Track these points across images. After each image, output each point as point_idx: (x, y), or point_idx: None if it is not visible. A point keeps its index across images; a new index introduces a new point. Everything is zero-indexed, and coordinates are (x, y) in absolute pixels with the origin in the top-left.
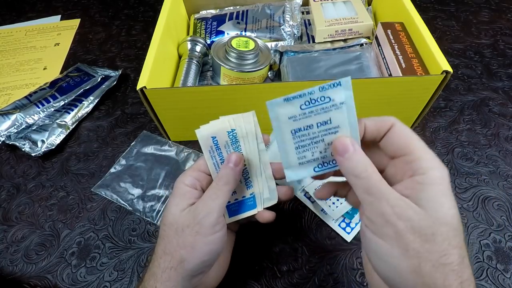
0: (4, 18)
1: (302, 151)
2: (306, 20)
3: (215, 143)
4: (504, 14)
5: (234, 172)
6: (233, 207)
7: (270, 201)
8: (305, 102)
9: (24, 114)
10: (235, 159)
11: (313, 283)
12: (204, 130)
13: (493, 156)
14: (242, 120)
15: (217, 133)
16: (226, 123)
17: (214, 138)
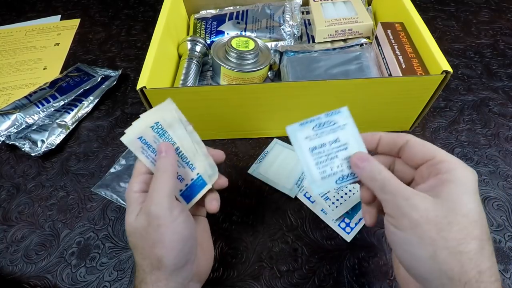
0: (4, 18)
1: (321, 166)
2: (306, 20)
3: (144, 142)
4: (504, 14)
5: (168, 159)
6: (186, 193)
7: (213, 176)
8: (316, 125)
9: (24, 114)
10: (164, 147)
11: (313, 283)
12: (129, 134)
13: (493, 156)
14: (162, 111)
15: (142, 133)
16: (147, 119)
17: (141, 138)
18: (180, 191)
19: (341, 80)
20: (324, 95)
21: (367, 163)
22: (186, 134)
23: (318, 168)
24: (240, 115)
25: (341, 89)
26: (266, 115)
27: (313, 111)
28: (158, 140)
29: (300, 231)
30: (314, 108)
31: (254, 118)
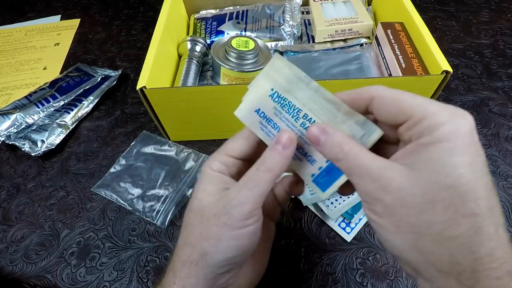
0: (4, 18)
1: None
2: (306, 20)
3: (263, 116)
4: (504, 14)
5: (282, 157)
6: (320, 179)
7: (370, 136)
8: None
9: (24, 114)
10: (285, 140)
11: (313, 283)
12: (244, 108)
13: (493, 156)
14: (273, 72)
15: (259, 104)
16: (262, 87)
17: (258, 111)
18: (312, 176)
19: (341, 80)
20: None
21: (327, 137)
22: (313, 94)
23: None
24: None
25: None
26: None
27: None
28: (279, 111)
29: (300, 231)
30: None
31: None
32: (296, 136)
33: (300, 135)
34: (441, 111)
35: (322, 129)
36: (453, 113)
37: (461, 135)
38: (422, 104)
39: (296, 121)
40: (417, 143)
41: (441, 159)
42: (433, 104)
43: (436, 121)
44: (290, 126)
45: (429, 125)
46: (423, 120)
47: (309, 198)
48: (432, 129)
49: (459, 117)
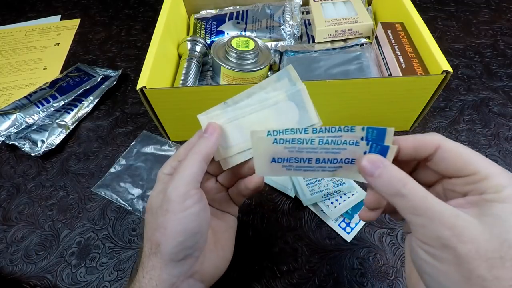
0: (4, 18)
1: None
2: (306, 20)
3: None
4: (504, 14)
5: (207, 141)
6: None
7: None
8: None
9: (24, 114)
10: (210, 129)
11: (313, 283)
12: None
13: (493, 156)
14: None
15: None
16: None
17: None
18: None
19: (341, 80)
20: (324, 95)
21: (384, 170)
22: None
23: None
24: None
25: (341, 89)
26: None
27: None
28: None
29: (300, 231)
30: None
31: None
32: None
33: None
34: (502, 173)
35: (379, 162)
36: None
37: None
38: (486, 164)
39: (312, 143)
40: (481, 198)
41: (509, 218)
42: (495, 166)
43: (501, 182)
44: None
45: (495, 184)
46: (488, 179)
47: (309, 198)
48: (497, 189)
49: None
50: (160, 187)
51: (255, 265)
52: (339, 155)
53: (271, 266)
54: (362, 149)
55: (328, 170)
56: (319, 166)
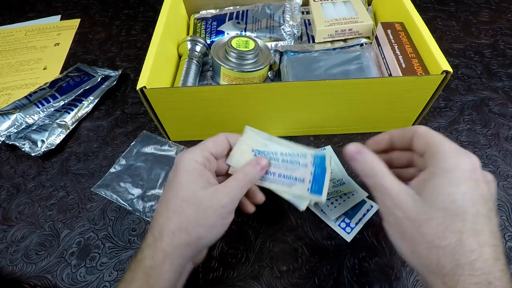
0: (4, 18)
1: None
2: (306, 20)
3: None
4: (504, 14)
5: (257, 173)
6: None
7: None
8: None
9: (24, 114)
10: (263, 164)
11: (313, 283)
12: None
13: (493, 156)
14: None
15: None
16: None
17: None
18: (308, 190)
19: (341, 80)
20: (324, 95)
21: (361, 155)
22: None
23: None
24: (240, 115)
25: (341, 89)
26: (266, 115)
27: (313, 111)
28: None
29: (300, 231)
30: (314, 108)
31: (254, 118)
32: (284, 164)
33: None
34: (452, 150)
35: (359, 149)
36: (461, 153)
37: (461, 170)
38: (441, 143)
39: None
40: (428, 171)
41: (442, 187)
42: (448, 144)
43: (445, 155)
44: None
45: (438, 158)
46: (435, 154)
47: None
48: (438, 161)
49: (464, 156)
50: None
51: (255, 265)
52: (294, 173)
53: (271, 266)
54: (308, 171)
55: (287, 185)
56: (280, 180)
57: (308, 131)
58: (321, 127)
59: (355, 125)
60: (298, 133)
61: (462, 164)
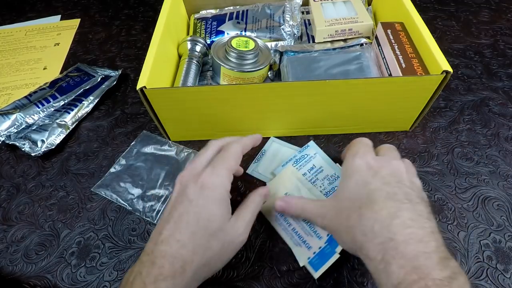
0: (4, 18)
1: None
2: (306, 20)
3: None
4: (504, 14)
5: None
6: (315, 261)
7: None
8: (294, 161)
9: (24, 114)
10: (265, 192)
11: (313, 283)
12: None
13: (493, 156)
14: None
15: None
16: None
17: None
18: (308, 259)
19: (341, 80)
20: (324, 95)
21: (287, 205)
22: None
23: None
24: (240, 115)
25: (341, 89)
26: (266, 115)
27: (313, 111)
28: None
29: None
30: (314, 108)
31: (254, 118)
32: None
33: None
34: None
35: (285, 201)
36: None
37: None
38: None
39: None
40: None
41: (340, 187)
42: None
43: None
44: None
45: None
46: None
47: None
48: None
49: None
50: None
51: (255, 265)
52: (306, 237)
53: (271, 266)
54: (319, 243)
55: (293, 240)
56: (290, 233)
57: (308, 131)
58: (321, 127)
59: (355, 125)
60: (298, 133)
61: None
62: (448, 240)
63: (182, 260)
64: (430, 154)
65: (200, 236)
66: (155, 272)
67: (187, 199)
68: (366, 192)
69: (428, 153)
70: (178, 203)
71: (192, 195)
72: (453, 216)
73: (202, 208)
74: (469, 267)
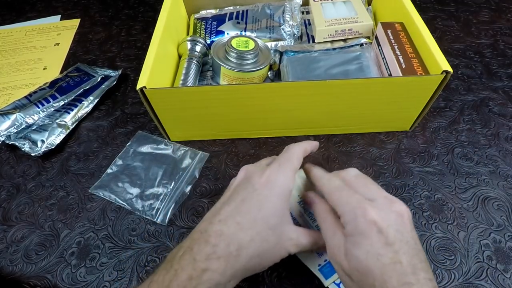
0: (4, 18)
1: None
2: (306, 20)
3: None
4: (504, 14)
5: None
6: (325, 269)
7: None
8: None
9: (24, 114)
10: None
11: (313, 283)
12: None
13: (493, 156)
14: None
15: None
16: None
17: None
18: (319, 266)
19: (341, 80)
20: (324, 95)
21: (314, 205)
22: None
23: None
24: (240, 115)
25: (341, 89)
26: (266, 115)
27: (313, 111)
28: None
29: None
30: (314, 108)
31: (254, 118)
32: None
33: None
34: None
35: (314, 200)
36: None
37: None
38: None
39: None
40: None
41: (351, 250)
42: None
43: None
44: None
45: (344, 221)
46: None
47: None
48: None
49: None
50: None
51: None
52: None
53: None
54: None
55: None
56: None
57: (308, 131)
58: (321, 127)
59: (355, 125)
60: (298, 133)
61: (359, 225)
62: (448, 240)
63: (239, 243)
64: (430, 154)
65: (260, 225)
66: (208, 250)
67: (252, 187)
68: (379, 268)
69: (428, 153)
70: (241, 188)
71: (258, 185)
72: (453, 216)
73: (266, 198)
74: (469, 267)
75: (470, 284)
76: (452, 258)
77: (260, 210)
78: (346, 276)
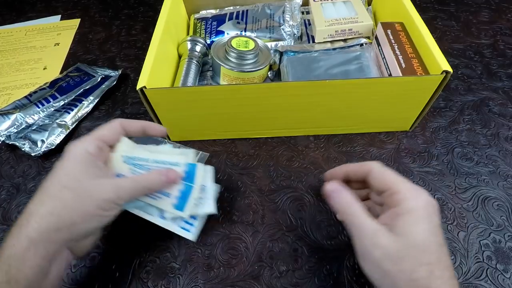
0: (4, 18)
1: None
2: (306, 20)
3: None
4: (504, 14)
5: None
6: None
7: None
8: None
9: (24, 114)
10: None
11: (313, 283)
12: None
13: (493, 156)
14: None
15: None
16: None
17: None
18: (173, 204)
19: (341, 80)
20: (324, 95)
21: (337, 194)
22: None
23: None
24: (240, 115)
25: (341, 89)
26: (266, 115)
27: (313, 111)
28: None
29: (300, 231)
30: (314, 108)
31: (254, 118)
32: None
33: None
34: (408, 190)
35: (336, 188)
36: (416, 192)
37: (420, 208)
38: (398, 183)
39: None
40: (393, 211)
41: (408, 226)
42: (404, 184)
43: (405, 197)
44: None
45: (399, 198)
46: (395, 194)
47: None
48: (400, 202)
49: (419, 195)
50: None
51: (255, 265)
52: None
53: (271, 266)
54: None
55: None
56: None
57: (308, 131)
58: (321, 127)
59: (355, 125)
60: (298, 133)
61: (419, 203)
62: (448, 240)
63: (27, 213)
64: (430, 154)
65: (51, 189)
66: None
67: (52, 169)
68: (435, 246)
69: (428, 153)
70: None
71: (56, 164)
72: (453, 216)
73: (59, 166)
74: (469, 267)
75: (470, 284)
76: (452, 258)
77: (52, 177)
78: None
